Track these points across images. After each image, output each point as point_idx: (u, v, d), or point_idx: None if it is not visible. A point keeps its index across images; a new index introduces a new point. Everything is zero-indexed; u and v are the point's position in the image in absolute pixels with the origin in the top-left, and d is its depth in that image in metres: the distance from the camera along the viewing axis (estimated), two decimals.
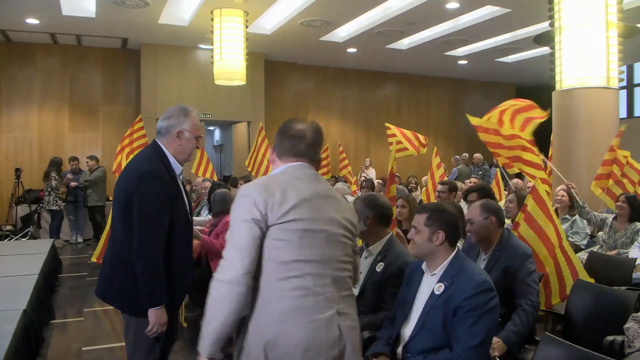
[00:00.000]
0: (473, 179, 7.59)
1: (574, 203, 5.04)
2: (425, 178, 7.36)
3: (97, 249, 6.73)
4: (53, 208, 8.69)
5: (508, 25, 9.67)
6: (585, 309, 2.99)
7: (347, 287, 1.82)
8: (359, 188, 8.11)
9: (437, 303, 2.15)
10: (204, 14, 8.76)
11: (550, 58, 6.38)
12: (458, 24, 9.66)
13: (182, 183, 2.52)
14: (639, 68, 13.55)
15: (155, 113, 10.11)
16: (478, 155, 11.15)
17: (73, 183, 8.98)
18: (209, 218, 5.26)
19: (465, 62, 12.45)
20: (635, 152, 5.89)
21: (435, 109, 14.55)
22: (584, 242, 5.04)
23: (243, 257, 1.66)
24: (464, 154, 11.73)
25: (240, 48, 8.89)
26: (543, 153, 5.30)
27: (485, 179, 10.10)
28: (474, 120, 5.62)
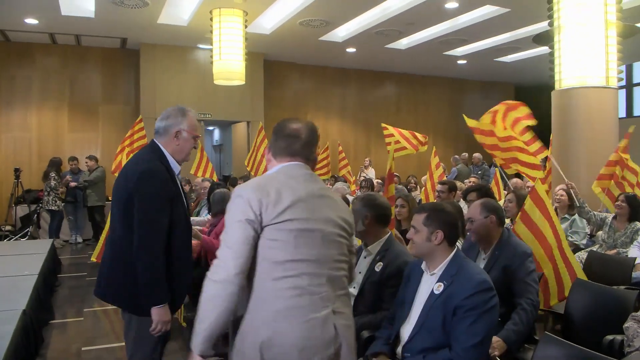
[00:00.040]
0: (472, 179, 7.60)
1: (573, 203, 5.05)
2: (425, 178, 7.36)
3: (96, 249, 6.73)
4: (52, 208, 8.69)
5: (507, 25, 9.67)
6: (585, 309, 2.99)
7: (342, 286, 1.83)
8: (359, 188, 8.11)
9: (436, 302, 2.15)
10: (203, 14, 8.76)
11: (550, 58, 6.38)
12: (457, 24, 9.67)
13: (180, 183, 2.52)
14: (638, 67, 13.55)
15: (155, 113, 10.09)
16: (477, 155, 11.16)
17: (72, 183, 8.97)
18: (208, 218, 5.26)
19: (465, 61, 12.46)
20: (635, 151, 5.89)
21: (435, 109, 14.54)
22: (584, 241, 5.04)
23: (236, 257, 1.66)
24: (464, 154, 11.74)
25: (240, 48, 8.88)
26: (547, 148, 5.23)
27: (485, 179, 10.11)
28: (470, 122, 5.63)
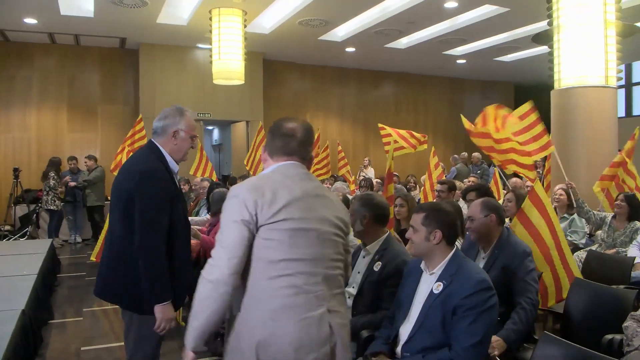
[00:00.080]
0: (472, 178, 7.61)
1: (573, 202, 5.04)
2: (424, 177, 7.36)
3: (95, 248, 6.73)
4: (51, 208, 8.69)
5: (506, 25, 9.67)
6: (584, 308, 2.99)
7: (338, 285, 1.83)
8: (358, 187, 8.11)
9: (436, 302, 2.15)
10: (203, 14, 8.75)
11: (549, 57, 6.38)
12: (456, 23, 9.67)
13: (178, 182, 2.52)
14: (638, 67, 13.56)
15: (154, 113, 10.05)
16: (477, 155, 11.16)
17: (72, 183, 8.97)
18: (208, 217, 5.26)
19: (464, 61, 12.46)
20: (635, 152, 5.87)
21: (434, 108, 14.54)
22: (583, 241, 5.04)
23: (230, 257, 1.67)
24: (463, 153, 11.75)
25: (239, 47, 8.88)
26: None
27: (484, 178, 10.11)
28: (466, 124, 5.63)
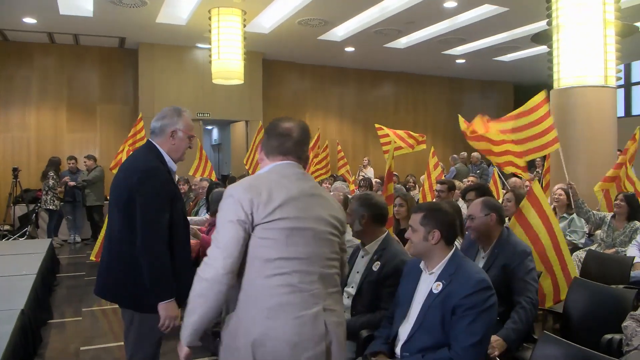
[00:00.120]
0: (471, 178, 7.60)
1: (572, 202, 5.04)
2: (423, 177, 7.36)
3: (95, 248, 6.74)
4: (50, 207, 8.68)
5: (506, 24, 9.67)
6: (584, 308, 2.99)
7: (334, 284, 1.84)
8: (357, 187, 8.11)
9: (435, 302, 2.15)
10: (202, 13, 8.75)
11: (548, 57, 6.38)
12: (456, 23, 9.66)
13: (177, 182, 2.53)
14: (637, 67, 13.56)
15: (153, 112, 9.95)
16: (476, 154, 11.14)
17: (71, 183, 8.96)
18: (207, 217, 5.26)
19: (463, 61, 12.46)
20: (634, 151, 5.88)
21: (433, 108, 14.53)
22: (582, 240, 5.05)
23: (225, 257, 1.69)
24: (462, 153, 11.74)
25: (238, 47, 8.87)
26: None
27: (483, 178, 10.11)
28: (463, 126, 5.64)
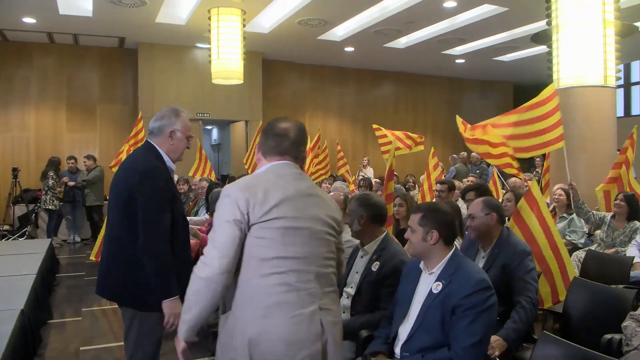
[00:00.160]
0: (471, 178, 7.60)
1: (572, 202, 5.04)
2: (423, 177, 7.36)
3: (94, 247, 6.73)
4: (49, 207, 8.67)
5: (505, 24, 9.68)
6: (583, 308, 2.99)
7: (330, 283, 1.85)
8: (357, 187, 8.11)
9: (435, 302, 2.15)
10: (202, 13, 8.74)
11: (548, 57, 6.38)
12: (455, 23, 9.67)
13: (176, 182, 2.54)
14: (636, 67, 13.57)
15: (153, 112, 9.89)
16: (475, 154, 11.13)
17: (70, 183, 8.96)
18: (207, 217, 5.26)
19: (463, 61, 12.46)
20: (634, 151, 5.88)
21: (433, 108, 14.53)
22: (582, 240, 5.05)
23: (221, 257, 1.70)
24: (462, 153, 11.73)
25: (238, 47, 8.87)
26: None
27: (483, 178, 10.10)
28: (461, 128, 5.64)
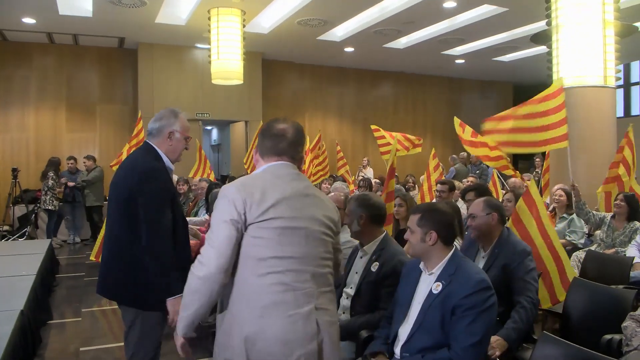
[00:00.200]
0: (470, 178, 7.60)
1: (573, 203, 5.03)
2: (423, 178, 7.36)
3: (94, 248, 6.72)
4: (49, 208, 8.67)
5: (505, 24, 9.68)
6: (583, 308, 2.99)
7: (327, 283, 1.87)
8: (357, 187, 8.11)
9: (435, 302, 2.15)
10: (201, 13, 8.74)
11: (548, 57, 6.38)
12: (455, 23, 9.67)
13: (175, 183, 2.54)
14: (636, 67, 13.57)
15: (153, 112, 9.91)
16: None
17: (70, 183, 8.96)
18: (207, 218, 5.26)
19: (463, 61, 12.46)
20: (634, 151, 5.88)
21: (433, 108, 14.53)
22: (582, 240, 5.05)
23: (218, 256, 1.72)
24: (462, 153, 11.71)
25: (238, 47, 8.87)
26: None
27: (483, 178, 10.10)
28: (459, 131, 5.64)
